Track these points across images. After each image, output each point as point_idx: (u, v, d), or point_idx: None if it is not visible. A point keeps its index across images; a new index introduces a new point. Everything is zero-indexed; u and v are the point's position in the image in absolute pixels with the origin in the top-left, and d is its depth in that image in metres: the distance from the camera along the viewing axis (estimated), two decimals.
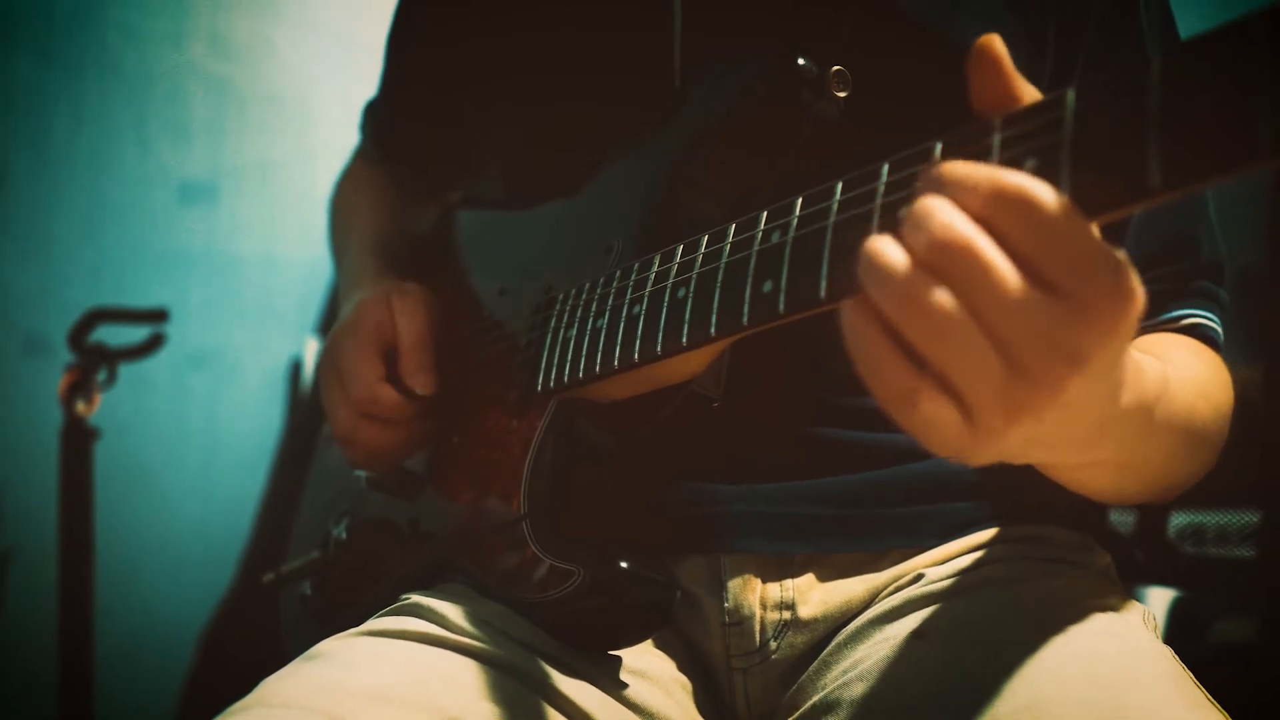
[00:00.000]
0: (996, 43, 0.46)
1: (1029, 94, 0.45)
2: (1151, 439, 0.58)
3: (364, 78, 1.10)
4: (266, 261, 2.21)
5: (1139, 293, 0.41)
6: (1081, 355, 0.41)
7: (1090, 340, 0.41)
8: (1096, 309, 0.41)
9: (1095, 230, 0.40)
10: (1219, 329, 0.72)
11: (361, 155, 1.15)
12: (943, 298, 0.41)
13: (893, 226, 0.46)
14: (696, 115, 0.71)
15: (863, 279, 0.43)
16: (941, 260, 0.41)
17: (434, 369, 0.82)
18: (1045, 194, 0.40)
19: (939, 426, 0.44)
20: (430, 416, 0.84)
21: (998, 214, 0.40)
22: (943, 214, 0.41)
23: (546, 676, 0.63)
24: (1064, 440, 0.51)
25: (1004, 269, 0.40)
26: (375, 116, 1.10)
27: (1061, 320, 0.41)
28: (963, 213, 0.41)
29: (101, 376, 1.71)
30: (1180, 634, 1.35)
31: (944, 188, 0.42)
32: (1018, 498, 0.74)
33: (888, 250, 0.43)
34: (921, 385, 0.43)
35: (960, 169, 0.42)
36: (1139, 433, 0.56)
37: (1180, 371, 0.61)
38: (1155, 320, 0.72)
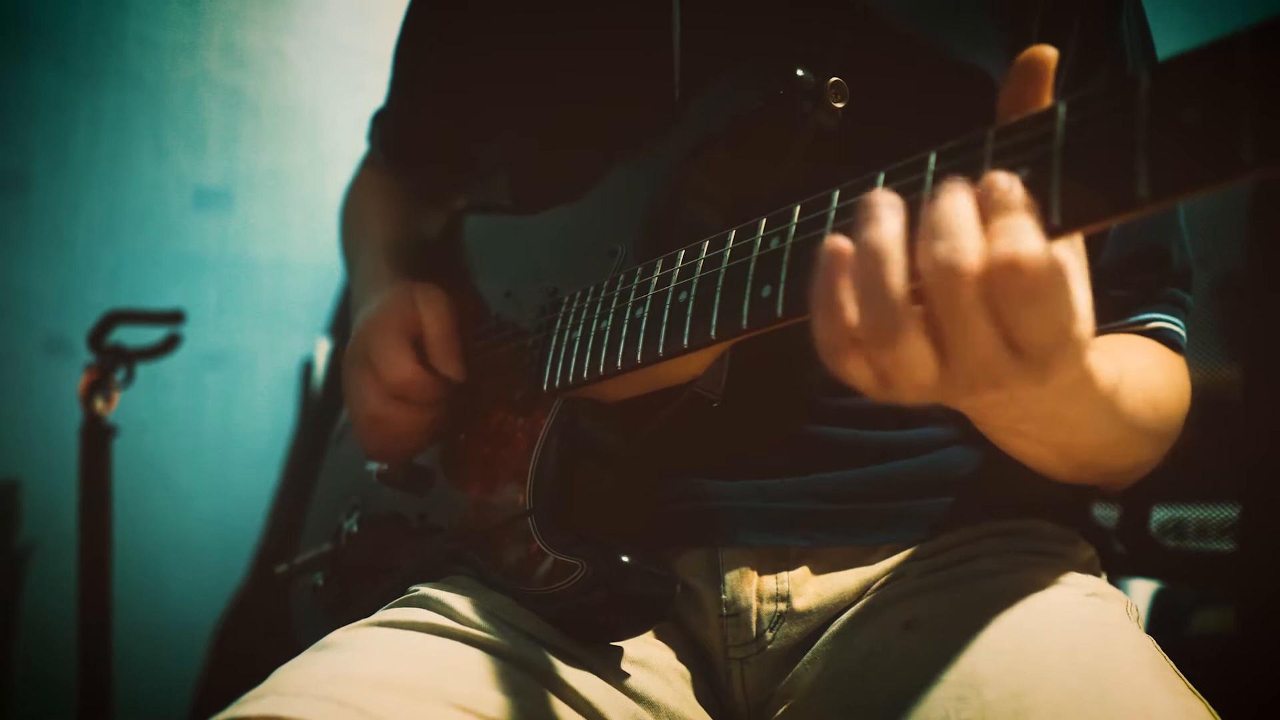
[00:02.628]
0: (1048, 52, 0.46)
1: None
2: (1088, 430, 0.60)
3: (372, 88, 1.10)
4: (279, 265, 2.20)
5: (1082, 357, 0.44)
6: (1007, 386, 0.44)
7: (1022, 381, 0.44)
8: (1045, 369, 0.43)
9: (1075, 310, 0.42)
10: (1182, 332, 0.73)
11: (369, 163, 1.15)
12: (908, 320, 0.43)
13: None
14: (698, 124, 0.71)
15: (858, 250, 0.44)
16: (935, 282, 0.42)
17: (460, 355, 0.83)
18: (1052, 275, 0.40)
19: (854, 381, 0.46)
20: (443, 412, 0.84)
21: (1006, 281, 0.41)
22: (963, 247, 0.41)
23: (550, 666, 0.63)
24: (988, 413, 0.55)
25: (984, 325, 0.42)
26: (383, 124, 1.10)
27: (1009, 365, 0.43)
28: (978, 261, 0.41)
29: (120, 376, 1.71)
30: (1161, 624, 1.35)
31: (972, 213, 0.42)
32: (1005, 493, 0.74)
33: (886, 236, 0.44)
34: (850, 353, 0.45)
35: (1001, 203, 0.41)
36: (1075, 422, 0.58)
37: (1133, 376, 0.62)
38: (1123, 323, 0.72)
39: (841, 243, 0.45)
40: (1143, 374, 0.65)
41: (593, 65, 0.83)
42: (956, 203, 0.42)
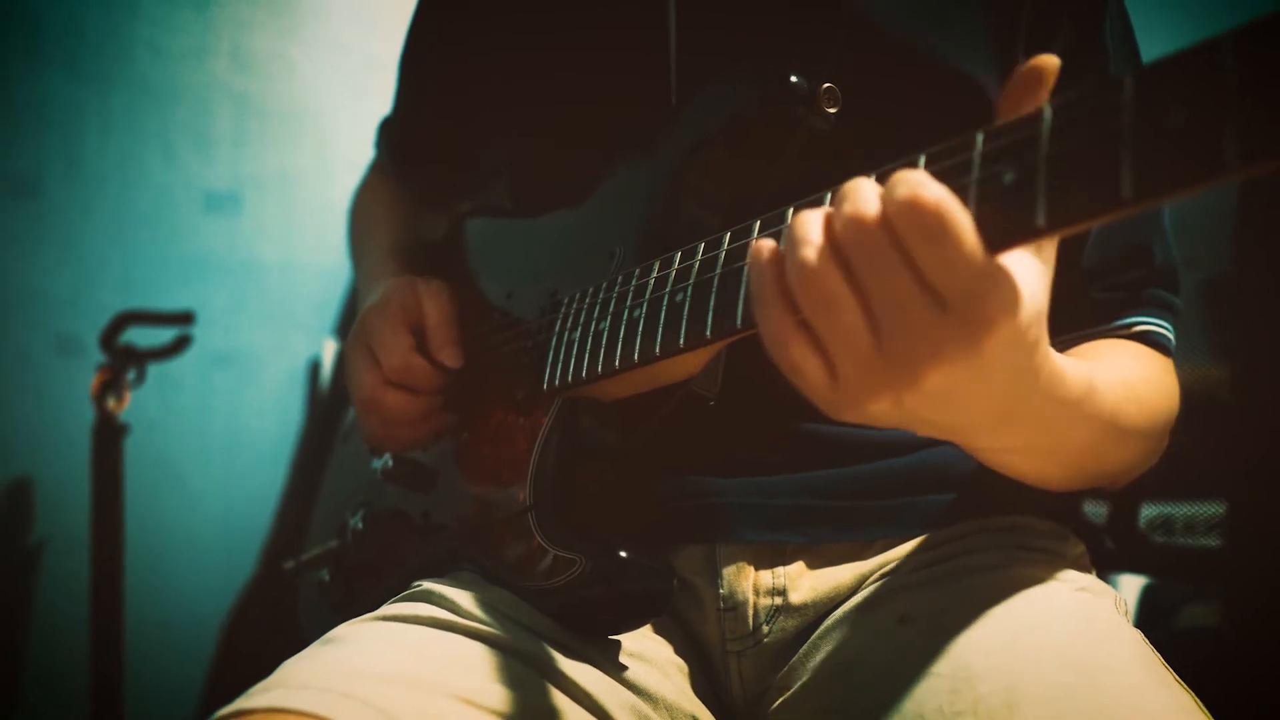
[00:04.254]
0: (1053, 62, 0.46)
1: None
2: (1068, 434, 0.59)
3: (379, 93, 1.11)
4: (287, 267, 2.21)
5: (1017, 318, 0.44)
6: (942, 355, 0.44)
7: (955, 346, 0.44)
8: (969, 323, 0.43)
9: (984, 255, 0.42)
10: (1170, 334, 0.73)
11: (377, 169, 1.15)
12: (835, 277, 0.44)
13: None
14: (694, 128, 0.71)
15: (784, 241, 0.46)
16: (848, 238, 0.44)
17: (459, 344, 0.83)
18: (954, 214, 0.41)
19: (804, 376, 0.47)
20: (444, 409, 0.84)
21: (906, 220, 0.42)
22: (865, 199, 0.44)
23: (551, 659, 0.63)
24: (960, 425, 0.53)
25: (898, 266, 0.43)
26: (390, 131, 1.10)
27: (936, 322, 0.43)
28: (878, 207, 0.43)
29: (131, 376, 1.71)
30: (1150, 619, 1.35)
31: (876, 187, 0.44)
32: (997, 490, 0.74)
33: (807, 220, 0.46)
34: (794, 335, 0.46)
35: (900, 172, 0.43)
36: (1053, 426, 0.57)
37: (1110, 374, 0.62)
38: (1108, 327, 0.72)
39: (765, 240, 0.48)
40: (1122, 371, 0.65)
41: (591, 65, 0.83)
42: (860, 181, 0.45)
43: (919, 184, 0.42)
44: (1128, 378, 0.65)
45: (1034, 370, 0.50)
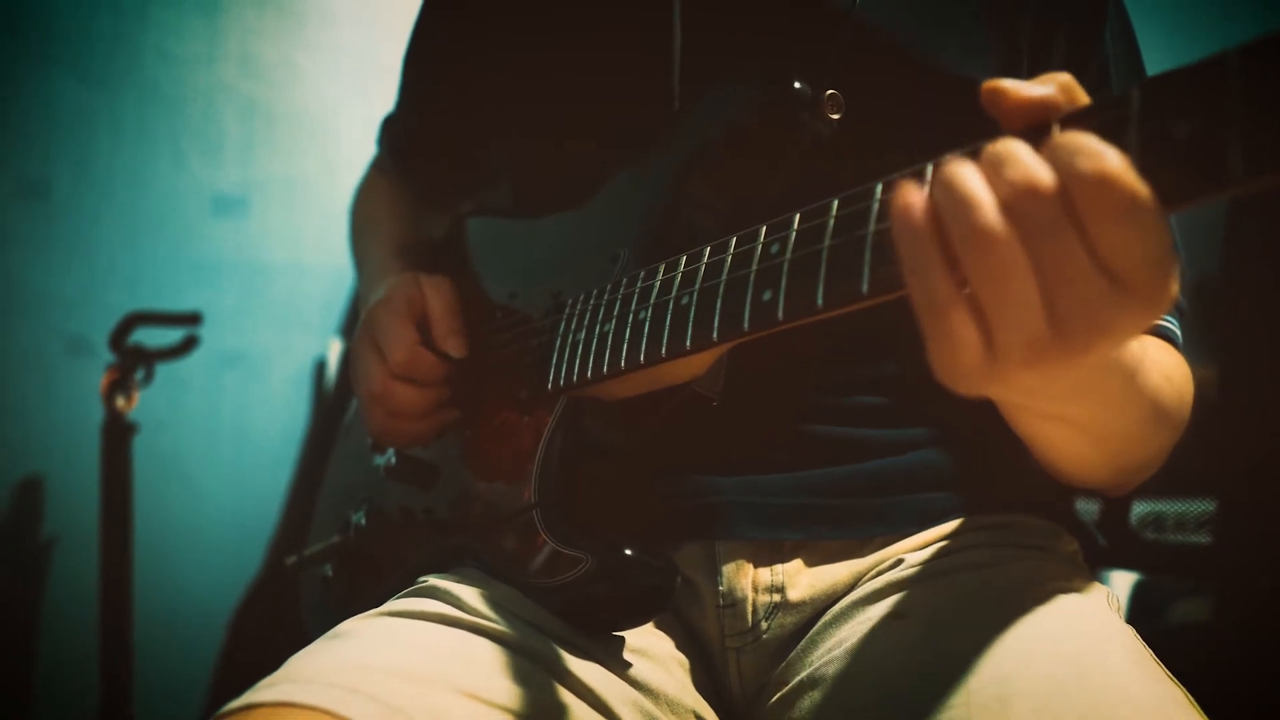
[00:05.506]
0: (998, 84, 0.44)
1: (1035, 91, 0.43)
2: (1122, 408, 0.59)
3: (383, 97, 1.11)
4: (293, 268, 2.21)
5: (1176, 287, 0.41)
6: (1117, 333, 0.41)
7: (1129, 323, 0.41)
8: (1145, 300, 0.40)
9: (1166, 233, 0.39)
10: (1177, 331, 0.73)
11: (378, 167, 1.14)
12: (1014, 243, 0.40)
13: (887, 245, 0.46)
14: (698, 132, 0.71)
15: (939, 200, 0.42)
16: (1018, 206, 0.40)
17: (464, 334, 0.83)
18: (1142, 192, 0.38)
19: (959, 347, 0.42)
20: (448, 406, 0.84)
21: (1095, 196, 0.38)
22: (1033, 167, 0.40)
23: (555, 655, 0.63)
24: (1045, 391, 0.51)
25: (1074, 240, 0.39)
26: (392, 129, 1.09)
27: (1112, 301, 0.40)
28: (1053, 177, 0.39)
29: (140, 375, 1.71)
30: (1141, 614, 1.35)
31: (1052, 150, 0.40)
32: (992, 488, 0.74)
33: (972, 179, 0.41)
34: (958, 302, 0.42)
35: (1075, 140, 0.39)
36: (1112, 398, 0.56)
37: (1151, 354, 0.62)
38: None
39: (914, 194, 0.42)
40: (1153, 351, 0.65)
41: (593, 66, 0.82)
42: (1015, 144, 0.41)
43: (1103, 155, 0.38)
44: (1160, 359, 0.64)
45: None
